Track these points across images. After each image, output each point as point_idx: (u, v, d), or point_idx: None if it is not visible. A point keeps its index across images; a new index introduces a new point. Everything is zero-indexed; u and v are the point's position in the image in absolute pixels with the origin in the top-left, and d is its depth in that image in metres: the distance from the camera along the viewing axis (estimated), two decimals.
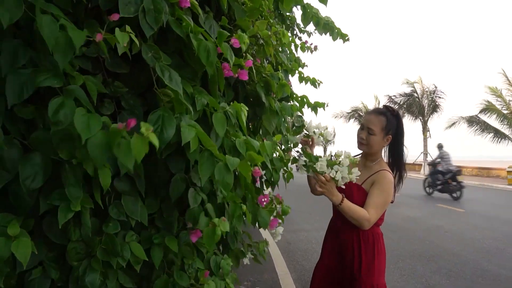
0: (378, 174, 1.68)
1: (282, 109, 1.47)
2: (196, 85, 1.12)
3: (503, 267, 4.24)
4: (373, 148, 1.69)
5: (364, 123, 1.71)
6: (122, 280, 0.90)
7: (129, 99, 0.99)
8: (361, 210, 1.60)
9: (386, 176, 1.66)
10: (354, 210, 1.59)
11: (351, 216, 1.59)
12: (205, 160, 0.93)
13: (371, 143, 1.67)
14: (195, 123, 0.95)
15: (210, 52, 0.98)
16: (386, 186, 1.64)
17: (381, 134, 1.67)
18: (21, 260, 0.67)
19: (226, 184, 0.93)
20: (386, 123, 1.67)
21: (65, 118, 0.68)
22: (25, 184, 0.68)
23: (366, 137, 1.68)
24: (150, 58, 0.91)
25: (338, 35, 2.87)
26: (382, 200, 1.63)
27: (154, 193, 1.11)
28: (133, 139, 0.65)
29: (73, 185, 0.70)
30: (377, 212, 1.63)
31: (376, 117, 1.68)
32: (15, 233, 0.69)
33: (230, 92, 1.44)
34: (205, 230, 1.04)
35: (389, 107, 1.74)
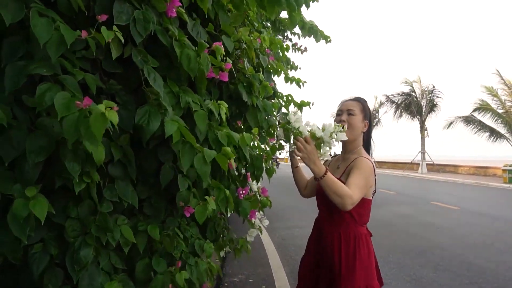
0: (355, 161, 1.62)
1: (264, 107, 1.61)
2: (183, 85, 1.26)
3: (489, 261, 4.38)
4: (355, 131, 1.64)
5: (342, 108, 1.69)
6: (113, 260, 1.04)
7: (123, 96, 1.12)
8: (345, 186, 1.48)
9: (363, 161, 1.60)
10: (338, 184, 1.47)
11: (334, 191, 1.45)
12: (186, 151, 1.06)
13: (353, 123, 1.63)
14: (178, 118, 1.09)
15: (191, 60, 1.12)
16: (364, 169, 1.57)
17: (361, 115, 1.66)
18: (39, 216, 0.79)
19: (204, 173, 1.06)
20: (362, 107, 1.69)
21: (49, 100, 0.80)
22: (31, 157, 0.81)
23: (347, 118, 1.64)
24: (140, 61, 1.04)
25: (321, 37, 3.02)
26: (363, 181, 1.55)
27: (144, 180, 1.25)
28: (92, 117, 0.76)
29: (73, 161, 0.83)
30: (360, 191, 1.51)
31: (353, 102, 1.70)
32: (32, 194, 0.82)
33: (215, 91, 1.58)
34: (197, 208, 1.18)
35: (360, 97, 1.76)
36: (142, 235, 1.11)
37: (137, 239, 1.09)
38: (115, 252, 1.05)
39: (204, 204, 1.18)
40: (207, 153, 1.07)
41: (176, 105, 1.16)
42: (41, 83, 0.85)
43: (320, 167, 1.47)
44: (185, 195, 1.18)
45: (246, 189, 1.46)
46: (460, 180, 15.53)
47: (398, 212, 7.72)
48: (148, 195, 1.25)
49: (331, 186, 1.47)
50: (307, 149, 1.45)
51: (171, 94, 1.16)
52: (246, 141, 1.26)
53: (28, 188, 0.82)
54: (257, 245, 5.09)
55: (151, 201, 1.26)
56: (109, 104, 0.81)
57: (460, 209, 8.19)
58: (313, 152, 1.46)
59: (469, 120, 18.07)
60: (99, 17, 0.97)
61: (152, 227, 1.12)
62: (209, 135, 1.22)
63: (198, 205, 1.18)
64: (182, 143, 1.06)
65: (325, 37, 3.19)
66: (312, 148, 1.46)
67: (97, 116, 0.78)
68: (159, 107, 1.06)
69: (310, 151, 1.45)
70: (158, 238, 1.11)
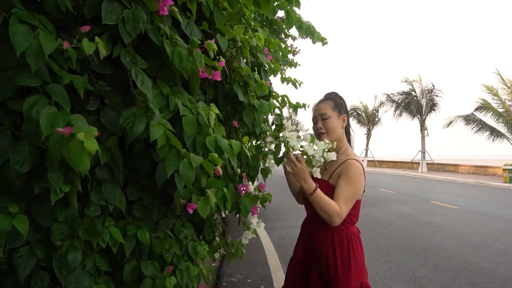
0: (345, 164, 1.59)
1: (260, 106, 1.59)
2: (174, 86, 1.23)
3: (488, 261, 4.36)
4: (334, 132, 1.63)
5: (314, 114, 1.69)
6: (98, 262, 1.02)
7: (112, 97, 1.10)
8: (333, 203, 1.50)
9: (353, 164, 1.57)
10: (327, 202, 1.49)
11: (322, 208, 1.49)
12: (172, 156, 1.04)
13: (329, 126, 1.62)
14: (166, 122, 1.07)
15: (183, 58, 1.10)
16: (354, 176, 1.55)
17: (335, 114, 1.64)
18: (22, 232, 0.79)
19: (189, 179, 1.04)
20: (334, 104, 1.65)
21: (36, 115, 0.78)
22: (15, 168, 0.79)
23: (322, 124, 1.63)
24: (128, 63, 1.02)
25: (318, 39, 3.01)
26: (350, 192, 1.54)
27: (136, 181, 1.23)
28: (71, 144, 0.75)
29: (55, 171, 0.81)
30: (347, 206, 1.53)
31: (323, 103, 1.67)
32: (14, 210, 0.81)
33: (210, 91, 1.55)
34: (199, 202, 1.16)
35: (331, 92, 1.75)
36: (130, 239, 1.09)
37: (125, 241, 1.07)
38: (99, 254, 1.03)
39: (206, 198, 1.16)
40: (194, 158, 1.05)
41: (165, 107, 1.14)
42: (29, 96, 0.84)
43: (310, 184, 1.50)
44: (183, 193, 1.16)
45: (247, 185, 1.44)
46: (460, 180, 15.51)
47: (398, 212, 7.70)
48: (139, 196, 1.23)
49: (319, 204, 1.51)
50: (297, 167, 1.48)
51: (160, 96, 1.14)
52: (234, 149, 1.23)
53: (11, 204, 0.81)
54: (256, 244, 5.07)
55: (143, 203, 1.24)
56: (89, 131, 0.79)
57: (460, 208, 8.17)
58: (303, 170, 1.49)
59: (469, 119, 18.04)
60: (81, 28, 0.95)
61: (142, 231, 1.10)
62: (197, 139, 1.20)
63: (200, 200, 1.16)
64: (168, 148, 1.04)
65: (322, 39, 3.18)
66: (303, 167, 1.48)
67: (76, 145, 0.76)
68: (147, 110, 1.04)
69: (300, 169, 1.49)
70: (148, 243, 1.09)
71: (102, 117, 1.04)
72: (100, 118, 1.04)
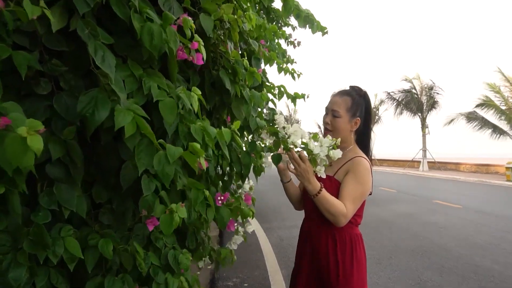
0: (352, 161, 1.48)
1: (251, 97, 1.40)
2: (148, 68, 1.05)
3: (496, 263, 4.18)
4: (340, 133, 1.50)
5: (328, 106, 1.55)
6: (54, 279, 0.83)
7: (70, 80, 0.92)
8: (339, 203, 1.39)
9: (362, 162, 1.46)
10: (332, 202, 1.38)
11: (328, 209, 1.38)
12: (144, 148, 0.87)
13: (337, 126, 1.49)
14: (137, 108, 0.89)
15: (154, 36, 0.91)
16: (363, 174, 1.44)
17: (347, 116, 1.49)
18: None
19: (166, 175, 0.87)
20: (351, 104, 1.50)
21: None
22: None
23: (331, 120, 1.51)
24: (86, 36, 0.84)
25: (318, 28, 2.82)
26: (359, 191, 1.43)
27: (103, 180, 1.05)
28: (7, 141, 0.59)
29: None
30: (354, 206, 1.42)
31: (341, 98, 1.51)
32: None
33: (196, 78, 1.37)
34: (162, 217, 0.98)
35: (355, 87, 1.56)
36: (93, 251, 0.90)
37: (86, 254, 0.89)
38: (56, 269, 0.85)
39: (170, 214, 0.97)
40: (171, 150, 0.87)
41: (137, 91, 0.96)
42: None
43: (314, 184, 1.38)
44: (151, 201, 0.98)
45: (226, 195, 1.26)
46: (462, 178, 15.32)
47: (400, 211, 7.52)
48: (108, 198, 1.05)
49: (324, 204, 1.39)
50: (301, 167, 1.36)
51: (131, 78, 0.96)
52: (225, 136, 1.05)
53: None
54: (253, 246, 4.90)
55: (112, 206, 1.06)
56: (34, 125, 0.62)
57: (463, 207, 7.99)
58: (307, 170, 1.36)
59: (471, 117, 17.85)
60: None
61: (104, 242, 0.91)
62: (180, 128, 1.02)
63: (164, 215, 0.97)
64: (139, 138, 0.86)
65: (322, 28, 2.99)
66: (307, 167, 1.36)
67: (14, 141, 0.59)
68: (113, 94, 0.86)
69: (304, 169, 1.36)
70: (110, 256, 0.91)
71: (55, 103, 0.85)
72: (54, 104, 0.85)
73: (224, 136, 1.05)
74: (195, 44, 1.00)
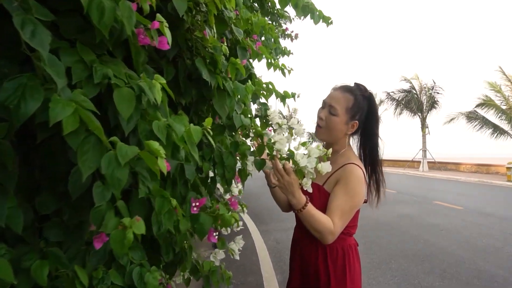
0: (343, 169, 1.31)
1: (235, 90, 1.24)
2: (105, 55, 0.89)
3: (500, 267, 4.02)
4: (333, 133, 1.34)
5: (326, 99, 1.37)
6: None
7: (3, 67, 0.75)
8: (326, 220, 1.24)
9: (353, 171, 1.29)
10: (318, 219, 1.23)
11: (313, 226, 1.24)
12: (91, 148, 0.70)
13: (331, 125, 1.33)
14: (84, 99, 0.72)
15: (104, 12, 0.75)
16: (354, 185, 1.28)
17: (345, 116, 1.32)
18: None
19: (116, 181, 0.70)
20: (353, 104, 1.33)
21: None
22: None
23: (326, 117, 1.34)
24: (14, 8, 0.67)
25: (320, 18, 2.64)
26: (348, 205, 1.27)
27: (51, 188, 0.88)
28: None
29: None
30: (343, 221, 1.27)
31: (342, 94, 1.34)
32: None
33: (170, 69, 1.20)
34: (112, 234, 0.81)
35: (361, 85, 1.38)
36: (27, 274, 0.74)
37: (19, 279, 0.73)
38: None
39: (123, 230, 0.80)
40: (122, 150, 0.71)
41: (87, 80, 0.79)
42: None
43: (299, 199, 1.24)
44: (104, 213, 0.81)
45: (202, 200, 1.10)
46: (462, 178, 15.16)
47: (400, 212, 7.36)
48: (56, 208, 0.88)
49: (309, 221, 1.25)
50: (284, 179, 1.21)
51: (80, 65, 0.79)
52: (193, 136, 0.89)
53: None
54: (248, 249, 4.73)
55: (62, 217, 0.90)
56: None
57: (465, 209, 7.83)
58: (292, 183, 1.21)
59: (471, 116, 17.70)
60: None
61: (39, 263, 0.75)
62: (140, 126, 0.85)
63: (115, 231, 0.81)
64: (85, 135, 0.70)
65: (325, 19, 2.80)
66: (291, 179, 1.21)
67: None
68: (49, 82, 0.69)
69: (288, 182, 1.22)
70: (44, 282, 0.74)
71: None
72: None
73: (192, 134, 0.88)
74: (156, 24, 0.84)
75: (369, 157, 1.39)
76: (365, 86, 1.39)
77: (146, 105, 0.89)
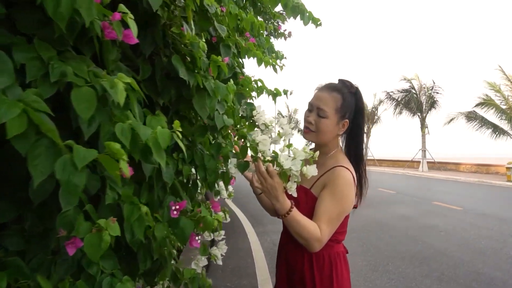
0: (331, 172, 1.25)
1: (215, 89, 1.18)
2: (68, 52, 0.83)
3: (499, 269, 3.96)
4: (325, 136, 1.28)
5: (313, 101, 1.29)
6: None
7: None
8: (312, 226, 1.18)
9: (341, 174, 1.23)
10: (304, 225, 1.17)
11: (299, 233, 1.18)
12: (43, 151, 0.64)
13: (322, 128, 1.26)
14: (36, 99, 0.67)
15: (60, 2, 0.69)
16: (342, 190, 1.22)
17: (335, 117, 1.26)
18: None
19: (73, 187, 0.65)
20: (342, 103, 1.26)
21: None
22: None
23: (315, 120, 1.27)
24: None
25: (310, 19, 2.59)
26: (337, 210, 1.21)
27: (10, 193, 0.83)
28: None
29: None
30: (331, 228, 1.21)
31: (329, 94, 1.27)
32: None
33: (146, 67, 1.14)
34: (87, 238, 0.77)
35: (346, 81, 1.32)
36: None
37: None
38: None
39: (98, 233, 0.76)
40: (79, 153, 0.65)
41: (43, 79, 0.74)
42: None
43: (283, 203, 1.17)
44: (72, 218, 0.76)
45: (182, 203, 1.04)
46: (462, 178, 15.09)
47: (398, 213, 7.30)
48: (16, 215, 0.83)
49: (295, 227, 1.19)
50: (267, 182, 1.15)
51: (36, 62, 0.74)
52: (160, 140, 0.82)
53: None
54: (244, 251, 4.68)
55: (23, 225, 0.84)
56: None
57: (464, 209, 7.76)
58: (275, 187, 1.15)
59: (471, 116, 17.64)
60: None
61: None
62: (103, 128, 0.80)
63: (89, 234, 0.76)
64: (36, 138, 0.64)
65: (315, 20, 2.76)
66: (275, 183, 1.15)
67: None
68: None
69: (272, 186, 1.15)
70: None
71: None
72: None
73: (159, 138, 0.82)
74: (117, 15, 0.78)
75: (354, 155, 1.34)
76: (350, 81, 1.33)
77: (112, 106, 0.83)
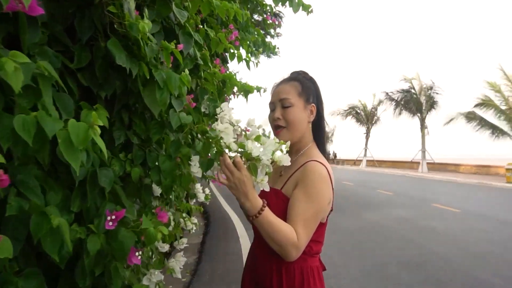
0: (303, 168, 1.12)
1: (166, 80, 1.02)
2: None
3: (498, 275, 3.78)
4: (297, 126, 1.16)
5: (273, 99, 1.21)
6: None
7: None
8: (288, 229, 1.04)
9: (314, 169, 1.10)
10: (278, 228, 1.03)
11: (271, 237, 1.03)
12: None
13: (291, 118, 1.15)
14: None
15: None
16: (315, 185, 1.08)
17: (300, 101, 1.17)
18: None
19: None
20: (302, 87, 1.19)
21: None
22: None
23: (282, 114, 1.16)
24: None
25: (299, 6, 2.43)
26: (311, 211, 1.07)
27: None
28: None
29: None
30: (308, 231, 1.06)
31: (287, 84, 1.20)
32: None
33: (84, 54, 0.98)
34: None
35: (300, 71, 1.27)
36: None
37: None
38: None
39: None
40: None
41: None
42: None
43: (253, 201, 1.02)
44: None
45: (120, 213, 0.88)
46: (462, 180, 14.92)
47: (396, 216, 7.12)
48: None
49: (267, 230, 1.03)
50: (234, 176, 0.99)
51: None
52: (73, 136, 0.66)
53: None
54: (234, 255, 4.52)
55: None
56: None
57: (463, 211, 7.60)
58: (244, 181, 0.99)
59: (470, 117, 17.48)
60: None
61: None
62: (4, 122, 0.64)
63: None
64: None
65: (305, 7, 2.60)
66: (243, 176, 0.99)
67: None
68: None
69: (240, 180, 0.99)
70: None
71: None
72: None
73: (72, 134, 0.66)
74: None
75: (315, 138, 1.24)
76: (303, 70, 1.27)
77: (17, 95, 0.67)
